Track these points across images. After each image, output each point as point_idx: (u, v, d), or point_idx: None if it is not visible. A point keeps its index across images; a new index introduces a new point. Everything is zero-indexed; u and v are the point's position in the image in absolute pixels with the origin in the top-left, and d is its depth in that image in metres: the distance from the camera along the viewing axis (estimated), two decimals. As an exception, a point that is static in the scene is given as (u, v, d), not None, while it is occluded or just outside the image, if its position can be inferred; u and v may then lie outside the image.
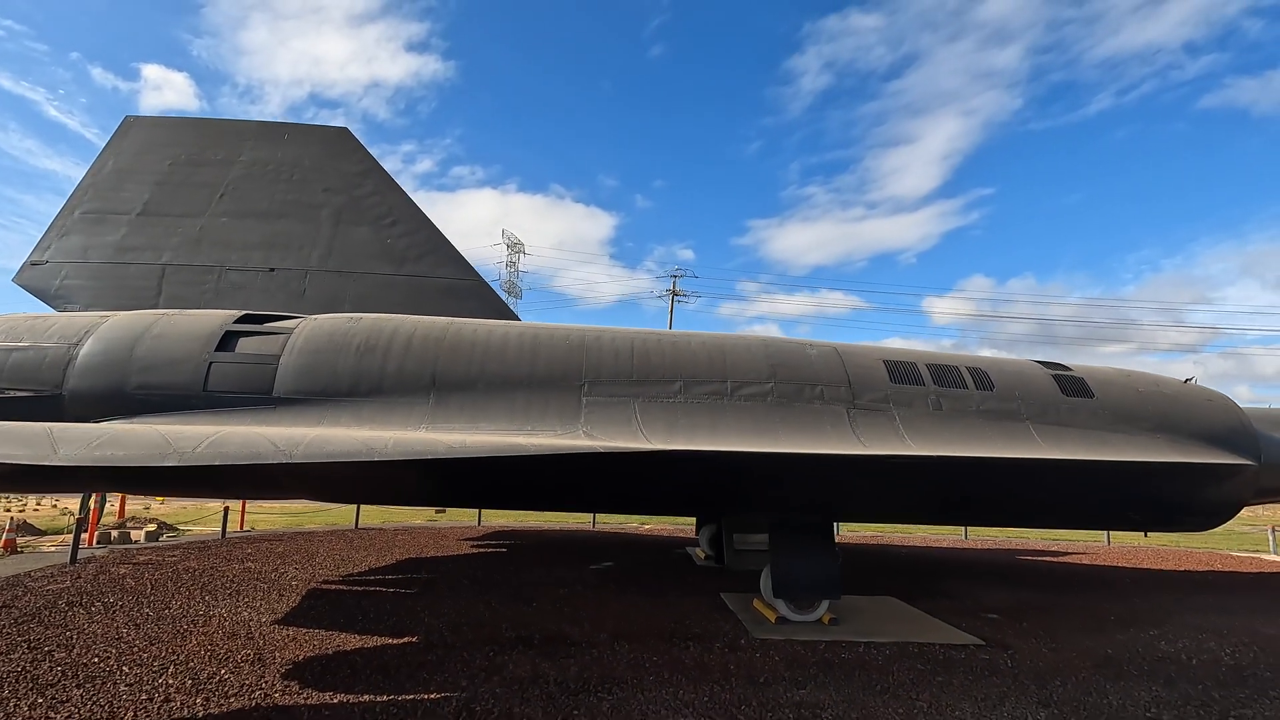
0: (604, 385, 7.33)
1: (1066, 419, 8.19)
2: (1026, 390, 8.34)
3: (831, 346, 8.55)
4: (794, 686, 6.85)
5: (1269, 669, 8.00)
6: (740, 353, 7.96)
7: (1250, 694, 7.11)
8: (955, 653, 8.18)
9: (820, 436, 7.21)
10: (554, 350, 7.54)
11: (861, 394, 7.84)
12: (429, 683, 6.72)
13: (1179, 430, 8.42)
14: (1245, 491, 8.77)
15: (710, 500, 8.19)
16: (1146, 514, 8.80)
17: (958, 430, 7.70)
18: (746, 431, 7.13)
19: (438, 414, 6.79)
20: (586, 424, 6.94)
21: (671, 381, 7.49)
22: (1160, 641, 9.07)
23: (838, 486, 7.78)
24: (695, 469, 7.24)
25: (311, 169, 9.45)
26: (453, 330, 7.55)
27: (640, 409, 7.21)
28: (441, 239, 9.24)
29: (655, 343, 7.95)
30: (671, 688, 6.71)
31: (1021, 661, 7.94)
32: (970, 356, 8.87)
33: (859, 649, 8.16)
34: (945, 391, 8.09)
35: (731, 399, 7.48)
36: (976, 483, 7.90)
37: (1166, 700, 6.84)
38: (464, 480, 7.47)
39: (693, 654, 7.80)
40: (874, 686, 6.91)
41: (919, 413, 7.82)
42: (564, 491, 7.78)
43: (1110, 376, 8.95)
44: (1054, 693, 6.92)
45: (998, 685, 7.08)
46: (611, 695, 6.46)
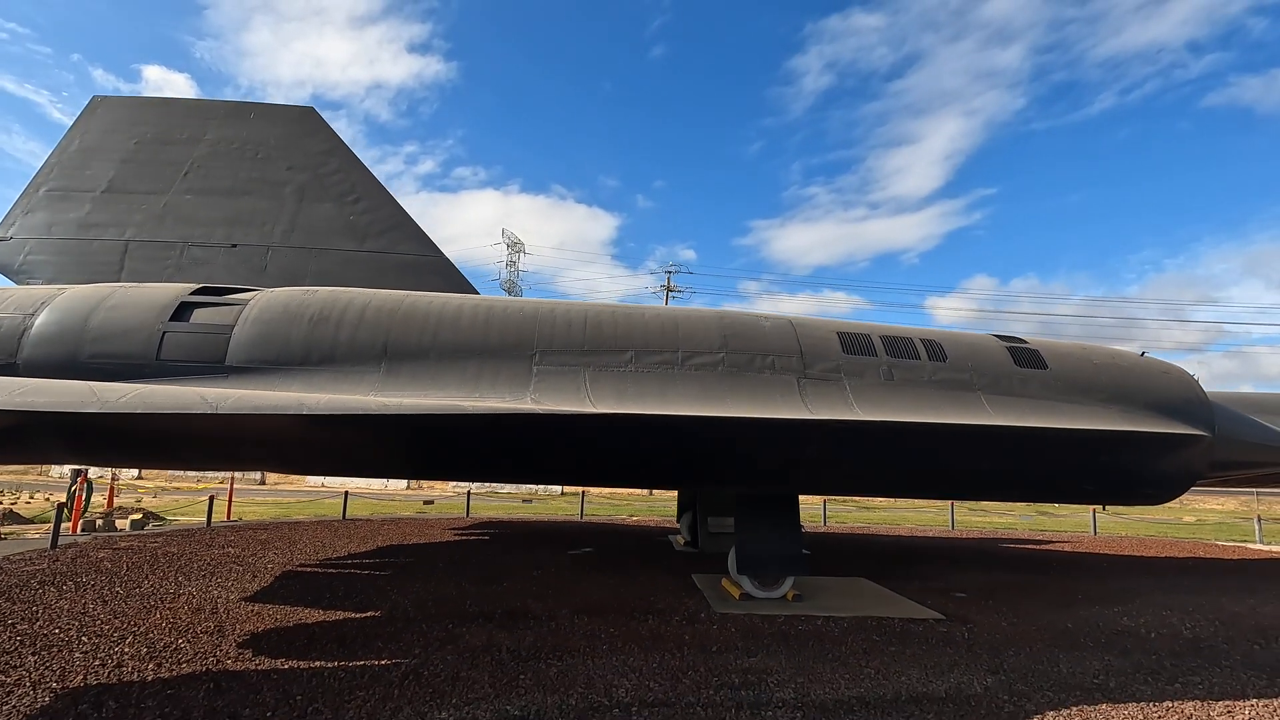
0: (555, 355, 7.38)
1: (1019, 389, 8.21)
2: (979, 361, 8.36)
3: (786, 319, 8.59)
4: (745, 655, 6.90)
5: (1226, 641, 8.02)
6: (693, 324, 8.01)
7: (1202, 663, 7.14)
8: (914, 626, 8.22)
9: (768, 404, 7.25)
10: (507, 321, 7.59)
11: (813, 364, 7.88)
12: (382, 651, 6.78)
13: (1132, 401, 8.42)
14: (1199, 464, 8.76)
15: (658, 469, 8.23)
16: (1100, 485, 8.80)
17: (908, 399, 7.73)
18: (695, 399, 7.18)
19: (389, 382, 6.86)
20: (535, 391, 6.99)
21: (623, 351, 7.54)
22: (1123, 617, 9.09)
23: (787, 454, 7.80)
24: (641, 436, 7.29)
25: (276, 147, 9.52)
26: (408, 302, 7.61)
27: (590, 378, 7.26)
28: (404, 216, 9.32)
29: (609, 315, 8.00)
30: (622, 655, 6.76)
31: (979, 634, 7.97)
32: (926, 330, 8.89)
33: (817, 622, 8.20)
34: (897, 362, 8.12)
35: (682, 368, 7.53)
36: (925, 452, 7.92)
37: (1117, 668, 6.88)
38: (411, 446, 7.52)
39: (650, 626, 7.85)
40: (825, 655, 6.95)
41: (870, 382, 7.85)
42: (513, 459, 7.82)
43: (1067, 349, 8.96)
44: (1005, 662, 6.96)
45: (949, 655, 7.12)
46: (561, 662, 6.52)
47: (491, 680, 5.98)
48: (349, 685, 5.81)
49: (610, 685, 5.91)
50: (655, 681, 6.05)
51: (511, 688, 5.82)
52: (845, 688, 6.05)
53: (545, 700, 5.54)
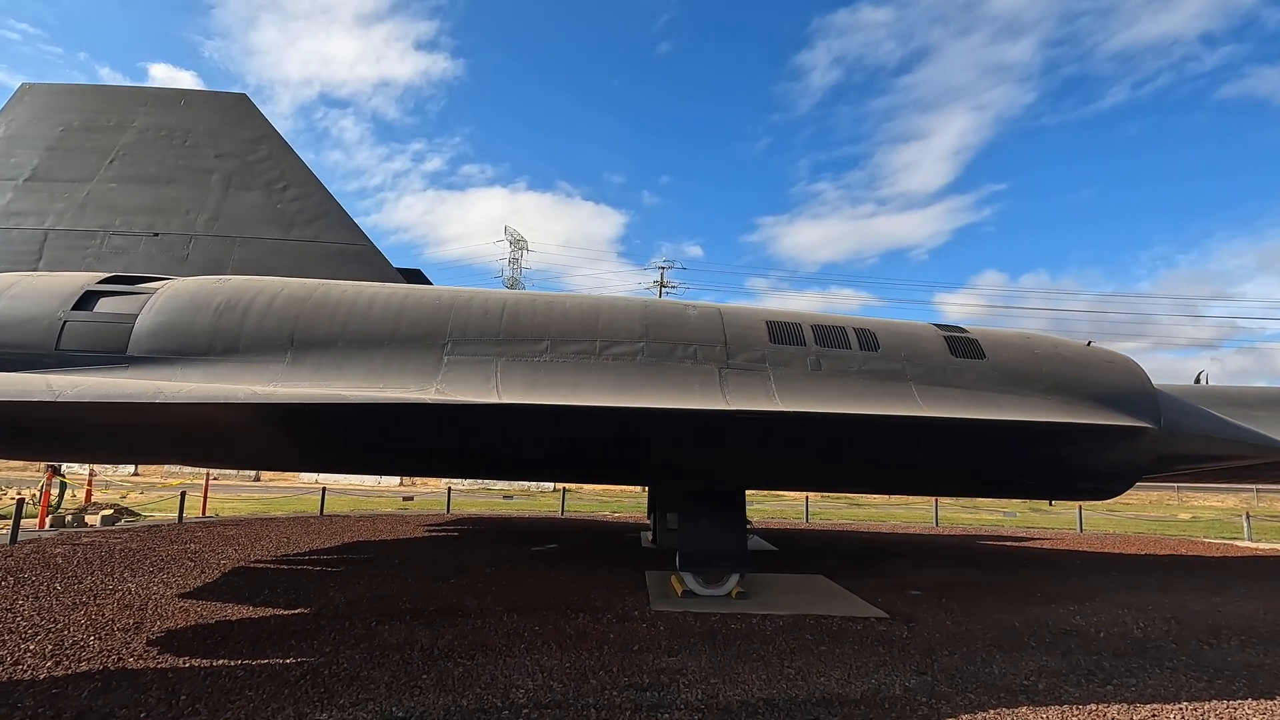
0: (468, 345, 7.18)
1: (953, 380, 7.93)
2: (913, 351, 8.09)
3: (716, 308, 8.35)
4: (665, 654, 6.69)
5: (1175, 641, 7.76)
6: (616, 313, 7.79)
7: (1144, 664, 6.88)
8: (853, 625, 7.99)
9: (685, 394, 7.03)
10: (421, 310, 7.40)
11: (737, 354, 7.64)
12: (294, 649, 6.62)
13: (1073, 391, 8.13)
14: (1143, 457, 8.45)
15: (570, 462, 8.01)
16: (1040, 479, 8.52)
17: (834, 390, 7.48)
18: (609, 390, 6.96)
19: (293, 372, 6.68)
20: (443, 382, 6.80)
21: (538, 341, 7.33)
22: (1076, 616, 8.83)
23: (702, 447, 7.58)
24: (549, 428, 7.09)
25: (205, 134, 9.36)
26: (320, 291, 7.43)
27: (502, 368, 7.05)
28: (333, 204, 9.14)
29: (528, 303, 7.79)
30: (538, 654, 6.57)
31: (919, 633, 7.74)
32: (864, 319, 8.63)
33: (752, 621, 7.99)
34: (826, 352, 7.87)
35: (599, 358, 7.31)
36: (850, 444, 7.67)
37: (1052, 669, 6.63)
38: (306, 438, 7.34)
39: (578, 624, 7.66)
40: (749, 655, 6.74)
41: (796, 372, 7.60)
42: (419, 451, 7.63)
43: (1008, 339, 8.67)
44: (936, 662, 6.73)
45: (880, 654, 6.89)
46: (472, 661, 6.34)
47: (390, 680, 5.81)
48: (241, 685, 5.64)
49: (511, 686, 5.73)
50: (560, 682, 5.85)
51: (409, 688, 5.64)
52: (758, 689, 5.84)
53: (437, 701, 5.36)
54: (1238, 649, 7.53)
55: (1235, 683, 6.37)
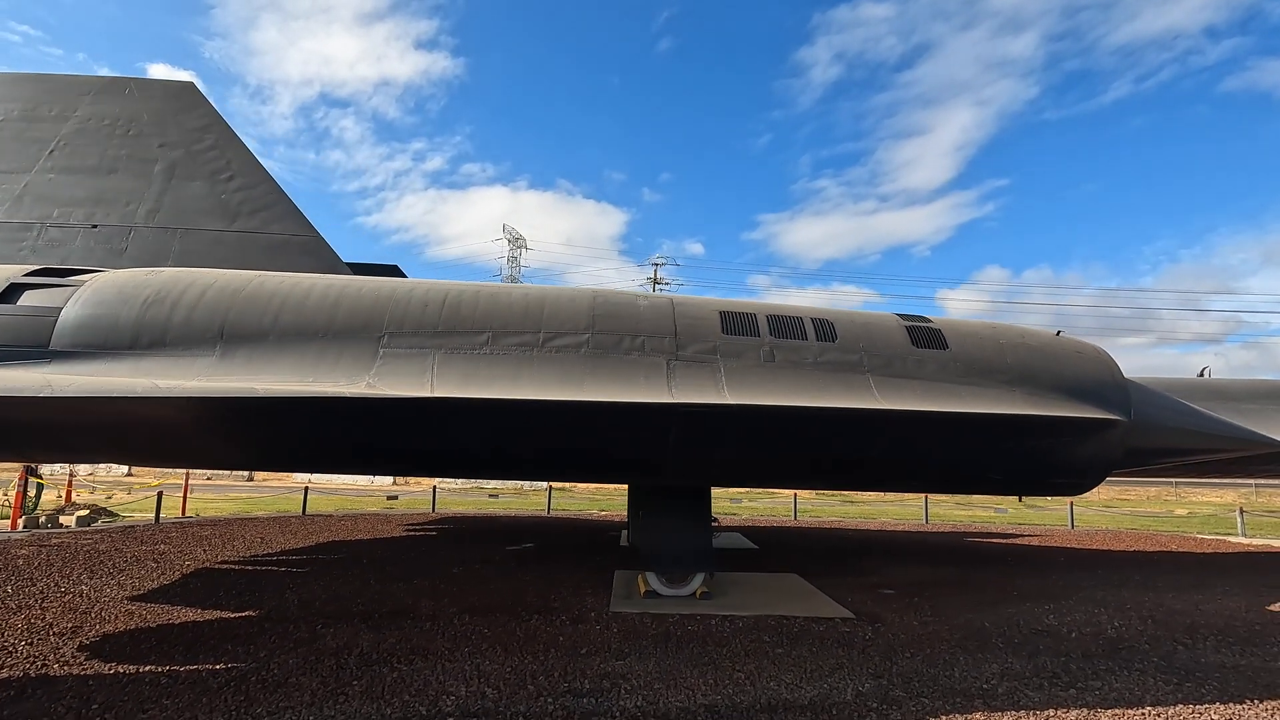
0: (405, 337, 6.93)
1: (913, 371, 7.65)
2: (872, 341, 7.81)
3: (668, 298, 8.07)
4: (613, 658, 6.45)
5: (1149, 641, 7.49)
6: (562, 304, 7.52)
7: (1114, 666, 6.62)
8: (815, 626, 7.74)
9: (629, 387, 6.76)
10: (358, 302, 7.14)
11: (687, 345, 7.38)
12: (228, 654, 6.39)
13: (1038, 383, 7.84)
14: (1114, 451, 8.16)
15: (507, 458, 7.75)
16: (1006, 474, 8.24)
17: (785, 382, 7.21)
18: (549, 383, 6.71)
19: (221, 366, 6.44)
20: (376, 375, 6.55)
21: (479, 333, 7.08)
22: (1050, 615, 8.57)
23: (646, 441, 7.30)
24: (484, 423, 6.83)
25: (150, 123, 9.11)
26: (255, 283, 7.18)
27: (440, 361, 6.80)
28: (279, 195, 8.89)
29: (472, 295, 7.53)
30: (480, 659, 6.33)
31: (883, 635, 7.49)
32: (824, 309, 8.36)
33: (712, 622, 7.74)
34: (780, 343, 7.59)
35: (542, 350, 7.05)
36: (802, 438, 7.40)
37: (1016, 672, 6.38)
38: (235, 435, 7.08)
39: (530, 627, 7.42)
40: (700, 658, 6.50)
41: (748, 364, 7.34)
42: (352, 448, 7.37)
43: (973, 329, 8.38)
44: (896, 665, 6.47)
45: (838, 657, 6.64)
46: (408, 666, 6.10)
47: (318, 687, 5.57)
48: (162, 693, 5.42)
49: (443, 692, 5.49)
50: (495, 688, 5.61)
51: (335, 695, 5.41)
52: (702, 694, 5.60)
53: (360, 710, 5.13)
54: (1213, 650, 7.27)
55: (1204, 686, 6.11)
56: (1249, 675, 6.44)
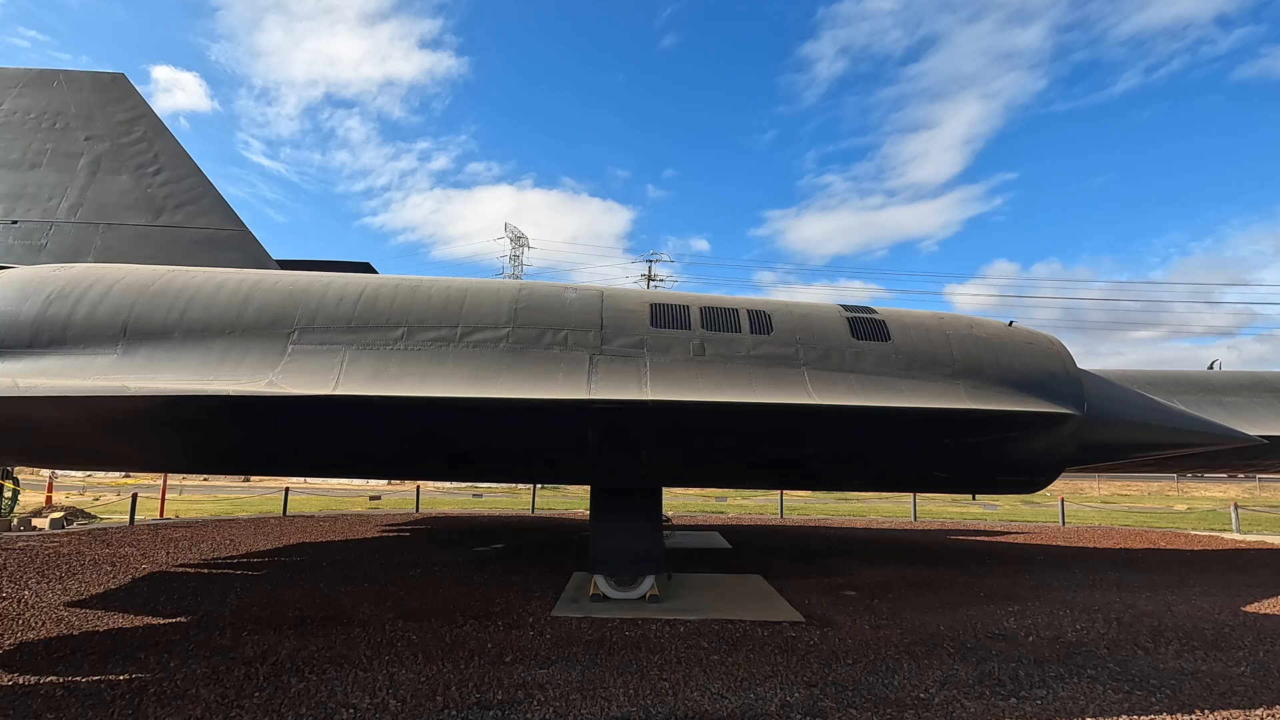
0: (316, 333, 6.68)
1: (851, 364, 7.33)
2: (810, 334, 7.49)
3: (597, 290, 7.79)
4: (538, 665, 6.19)
5: (1110, 645, 7.17)
6: (484, 297, 7.25)
7: (1064, 673, 6.31)
8: (760, 631, 7.46)
9: (545, 383, 6.48)
10: (269, 297, 6.90)
11: (612, 339, 7.09)
12: (139, 663, 6.17)
13: (985, 375, 7.49)
14: (1066, 446, 7.80)
15: (418, 458, 7.48)
16: (952, 472, 7.89)
17: (714, 377, 6.91)
18: (461, 380, 6.44)
19: (120, 365, 6.21)
20: (281, 373, 6.31)
21: (394, 328, 6.81)
22: (1010, 618, 8.26)
23: (562, 440, 7.01)
24: (392, 422, 6.56)
25: (77, 116, 8.90)
26: (165, 279, 6.95)
27: (350, 357, 6.55)
28: (207, 188, 8.66)
29: (390, 289, 7.27)
30: (397, 667, 6.09)
31: (830, 640, 7.20)
32: (763, 299, 8.04)
33: (653, 627, 7.47)
34: (712, 336, 7.29)
35: (458, 345, 6.77)
36: (729, 436, 7.09)
37: (959, 679, 6.08)
38: (126, 436, 6.85)
39: (462, 632, 7.17)
40: (629, 665, 6.23)
41: (675, 358, 7.04)
42: (255, 448, 7.12)
43: (919, 320, 8.04)
44: (834, 673, 6.18)
45: (775, 664, 6.35)
46: (320, 675, 5.86)
47: (216, 699, 5.34)
48: (54, 705, 5.19)
49: (345, 704, 5.24)
50: (400, 700, 5.36)
51: (231, 707, 5.17)
52: (617, 706, 5.33)
53: (250, 723, 4.89)
54: (1174, 655, 6.94)
55: (1156, 695, 5.79)
56: (1206, 683, 6.11)
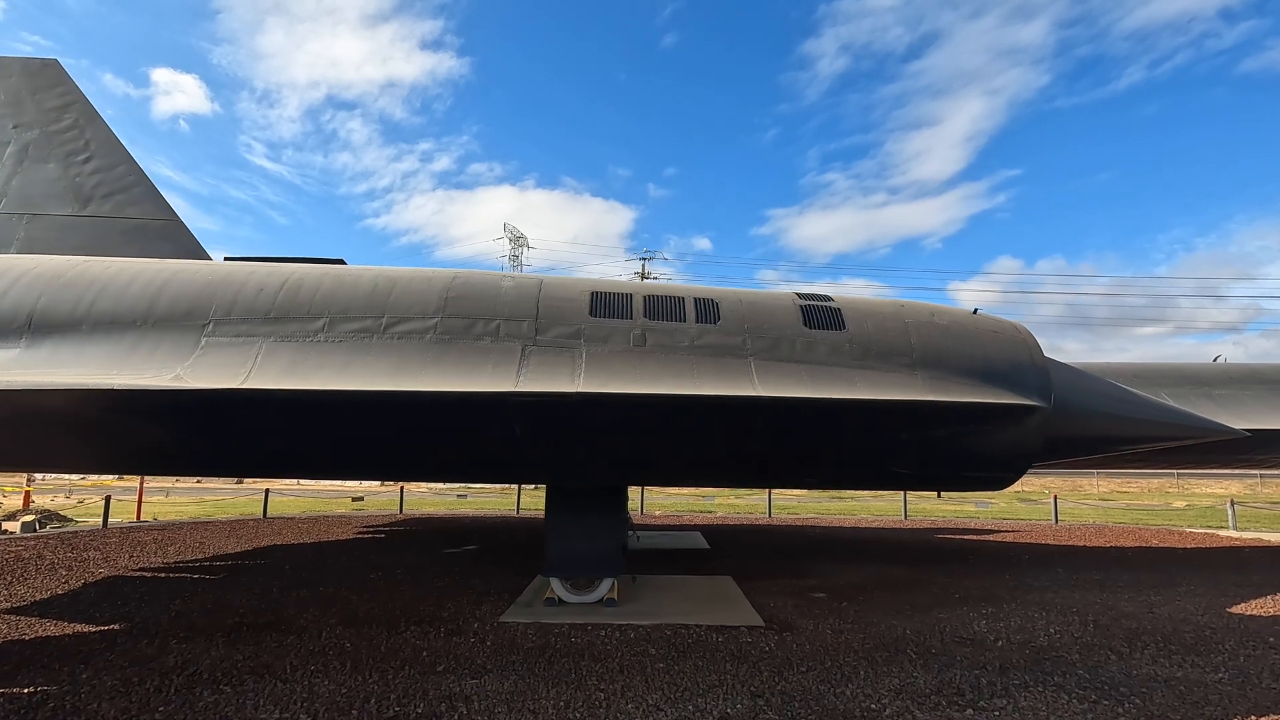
0: (234, 324, 6.35)
1: (803, 354, 6.97)
2: (759, 323, 7.12)
3: (537, 279, 7.44)
4: (469, 675, 5.85)
5: (1082, 650, 6.80)
6: (415, 286, 6.90)
7: (1029, 680, 5.95)
8: (716, 636, 7.10)
9: (471, 376, 6.13)
10: (185, 287, 6.57)
11: (548, 329, 6.74)
12: (49, 676, 5.84)
13: (945, 366, 7.12)
14: (1032, 440, 7.41)
15: (334, 455, 7.12)
16: (912, 468, 7.51)
17: (653, 368, 6.54)
18: (383, 372, 6.10)
19: (25, 359, 5.90)
20: (190, 366, 5.98)
21: (315, 319, 6.48)
22: (982, 620, 7.90)
23: (492, 435, 6.64)
24: (298, 418, 6.22)
25: (6, 103, 8.59)
26: (77, 269, 6.63)
27: (266, 349, 6.21)
28: (139, 177, 8.33)
29: (315, 278, 6.92)
30: (320, 678, 5.75)
31: (787, 645, 6.84)
32: (713, 288, 7.68)
33: (602, 633, 7.12)
34: (655, 325, 6.93)
35: (383, 336, 6.43)
36: (667, 431, 6.72)
37: (915, 688, 5.73)
38: (15, 434, 6.51)
39: (401, 640, 6.84)
40: (566, 675, 5.88)
41: (615, 349, 6.68)
42: (154, 447, 6.76)
43: (876, 308, 7.64)
44: (785, 682, 5.83)
45: (723, 672, 6.00)
46: (235, 688, 5.53)
47: (119, 713, 5.01)
48: (-61, 722, 4.88)
49: (250, 719, 4.92)
50: (312, 714, 5.02)
51: (129, 723, 4.85)
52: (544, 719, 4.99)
53: (141, 741, 4.56)
54: (1149, 660, 6.57)
55: (1124, 704, 5.43)
56: (1179, 690, 5.75)
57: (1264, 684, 5.92)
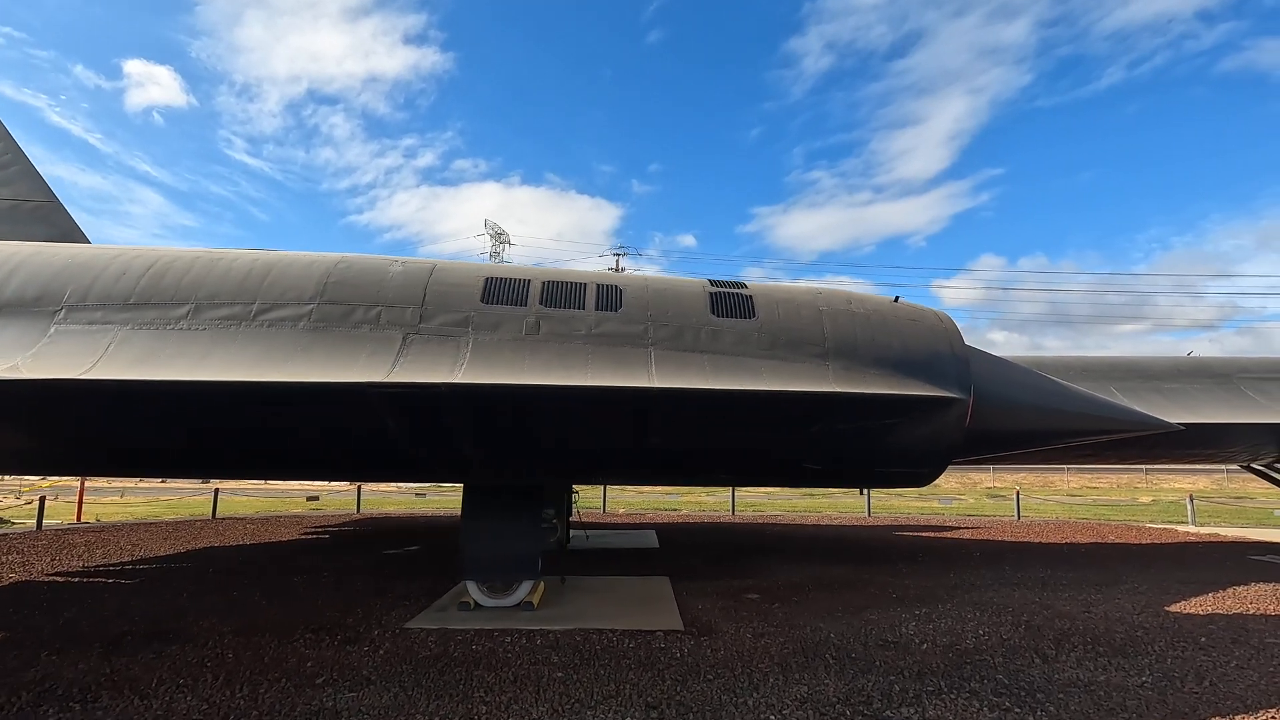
0: (88, 311, 5.93)
1: (707, 344, 6.65)
2: (664, 310, 6.78)
3: (430, 264, 7.06)
4: (348, 688, 5.45)
5: (1005, 654, 6.53)
6: (292, 271, 6.48)
7: (943, 686, 5.67)
8: (628, 641, 6.76)
9: (342, 366, 5.74)
10: (39, 271, 6.13)
11: (433, 316, 6.36)
12: (-111, 693, 5.38)
13: (858, 356, 6.82)
14: (951, 434, 7.12)
15: (192, 452, 6.71)
16: (827, 464, 7.22)
17: (546, 358, 6.17)
18: (245, 362, 5.69)
19: None
20: (34, 355, 5.55)
21: (179, 305, 6.07)
22: (913, 622, 7.62)
23: (362, 430, 6.25)
24: (148, 411, 5.80)
25: None
26: None
27: (122, 338, 5.79)
28: (15, 156, 7.82)
29: (185, 262, 6.50)
30: (183, 694, 5.33)
31: (701, 651, 6.52)
32: (621, 275, 7.33)
33: (508, 639, 6.75)
34: (551, 313, 6.58)
35: (251, 324, 6.03)
36: (558, 424, 6.37)
37: (821, 697, 5.42)
38: None
39: (289, 649, 6.43)
40: (452, 687, 5.50)
41: (505, 338, 6.32)
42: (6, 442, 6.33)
43: (791, 295, 7.31)
44: (687, 690, 5.51)
45: (624, 680, 5.66)
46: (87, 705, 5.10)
47: (-60, 737, 4.58)
48: None
49: (84, 742, 4.50)
50: (156, 734, 4.63)
51: (-52, 748, 4.42)
52: (409, 737, 4.62)
53: (-50, 769, 4.14)
54: (1075, 663, 6.32)
55: (1037, 712, 5.15)
56: (1097, 696, 5.49)
57: (1185, 688, 5.68)
